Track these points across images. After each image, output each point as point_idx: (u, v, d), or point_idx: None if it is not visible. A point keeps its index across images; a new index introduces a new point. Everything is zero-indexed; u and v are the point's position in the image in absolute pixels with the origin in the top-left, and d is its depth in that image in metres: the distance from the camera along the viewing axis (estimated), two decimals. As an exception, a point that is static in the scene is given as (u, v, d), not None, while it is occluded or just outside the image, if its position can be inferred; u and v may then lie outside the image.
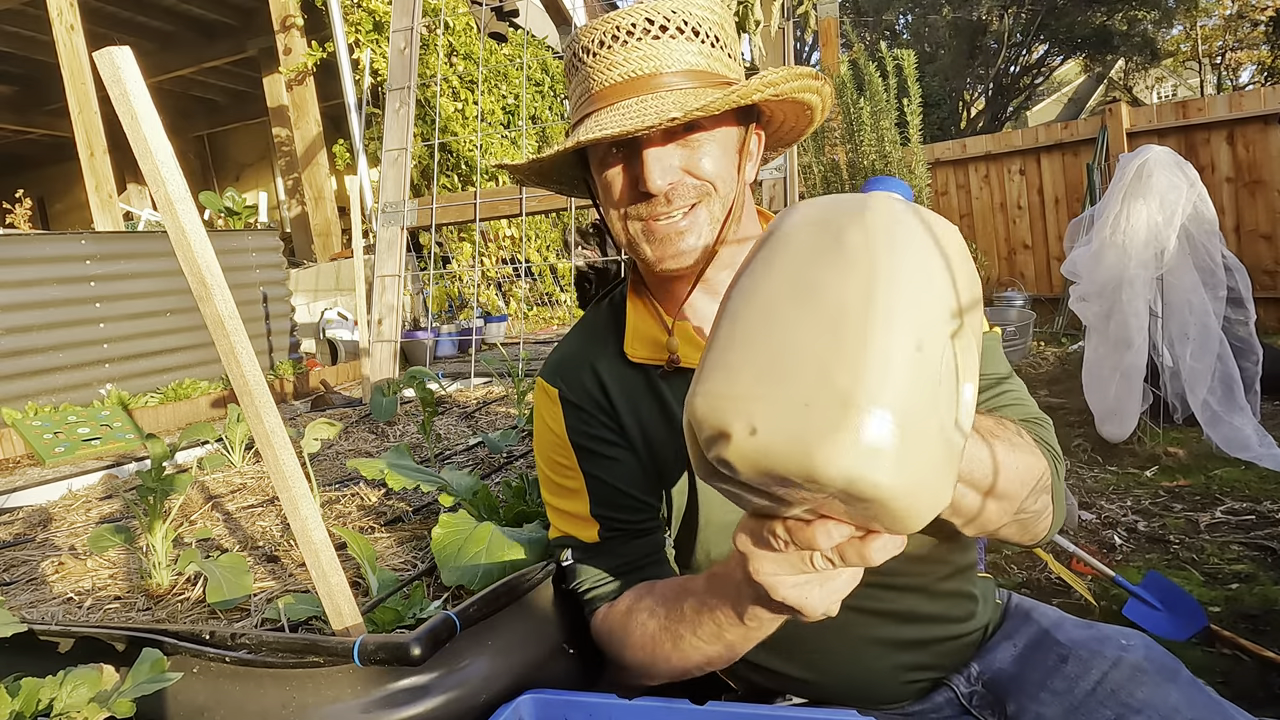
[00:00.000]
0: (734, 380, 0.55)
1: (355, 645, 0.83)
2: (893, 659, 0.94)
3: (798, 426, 0.51)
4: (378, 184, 3.29)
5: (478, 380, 3.27)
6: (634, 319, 1.00)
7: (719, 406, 0.55)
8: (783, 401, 0.52)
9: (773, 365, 0.54)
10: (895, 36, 18.49)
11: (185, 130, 11.26)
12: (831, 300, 0.54)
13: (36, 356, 3.42)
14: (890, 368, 0.51)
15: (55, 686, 0.72)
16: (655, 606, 0.87)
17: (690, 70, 0.87)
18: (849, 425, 0.50)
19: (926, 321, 0.54)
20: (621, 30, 0.86)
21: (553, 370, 1.03)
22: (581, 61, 0.90)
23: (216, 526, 1.57)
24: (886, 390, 0.50)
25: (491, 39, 3.87)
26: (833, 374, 0.51)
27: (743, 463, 0.54)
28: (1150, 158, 3.19)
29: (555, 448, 1.00)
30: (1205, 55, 19.15)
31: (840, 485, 0.50)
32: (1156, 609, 2.02)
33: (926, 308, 0.54)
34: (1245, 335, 3.35)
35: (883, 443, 0.50)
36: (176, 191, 0.81)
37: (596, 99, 0.89)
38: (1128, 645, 0.92)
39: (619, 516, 0.97)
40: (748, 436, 0.53)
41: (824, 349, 0.53)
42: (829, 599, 0.62)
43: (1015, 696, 0.93)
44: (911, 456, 0.51)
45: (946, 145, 7.07)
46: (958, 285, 0.57)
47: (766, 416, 0.52)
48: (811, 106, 0.94)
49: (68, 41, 6.02)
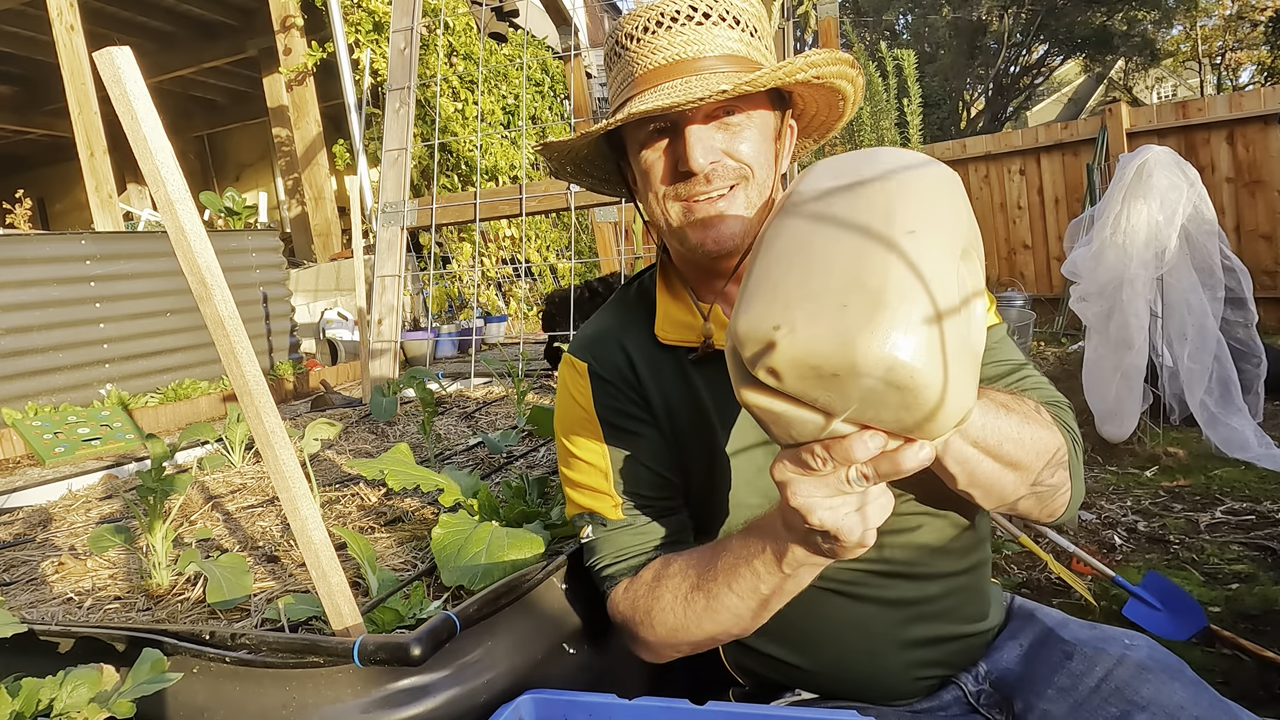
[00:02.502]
0: (774, 297, 0.61)
1: (355, 645, 0.83)
2: (906, 656, 0.94)
3: (837, 323, 0.57)
4: (378, 184, 3.29)
5: (478, 380, 3.27)
6: (664, 302, 1.01)
7: (762, 320, 0.60)
8: (821, 305, 0.58)
9: (809, 279, 0.60)
10: (895, 36, 18.49)
11: (185, 130, 11.26)
12: (857, 222, 0.61)
13: (36, 356, 3.42)
14: (914, 270, 0.58)
15: (55, 686, 0.72)
16: (687, 568, 0.88)
17: (731, 55, 0.89)
18: (884, 316, 0.56)
19: (939, 237, 0.61)
20: (666, 16, 0.89)
21: (582, 346, 1.03)
22: (624, 48, 0.92)
23: (216, 526, 1.57)
24: (913, 288, 0.57)
25: (491, 39, 3.87)
26: (864, 277, 0.58)
27: (788, 366, 0.59)
28: (1150, 158, 3.19)
29: (581, 423, 1.00)
30: (1205, 55, 19.15)
31: (880, 372, 0.56)
32: (1156, 609, 2.02)
33: (938, 225, 0.62)
34: (1245, 336, 3.35)
35: (914, 331, 0.56)
36: (176, 191, 0.81)
37: (639, 82, 0.91)
38: (1132, 645, 0.93)
39: (643, 493, 0.97)
40: (791, 338, 0.58)
41: (855, 259, 0.59)
42: (865, 523, 0.65)
43: (1022, 695, 0.93)
44: (939, 349, 0.57)
45: (946, 145, 7.07)
46: (960, 214, 0.65)
47: (807, 319, 0.58)
48: (845, 96, 0.96)
49: (68, 41, 6.02)
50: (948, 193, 0.66)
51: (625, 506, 0.97)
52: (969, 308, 0.62)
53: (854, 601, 0.94)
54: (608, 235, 4.46)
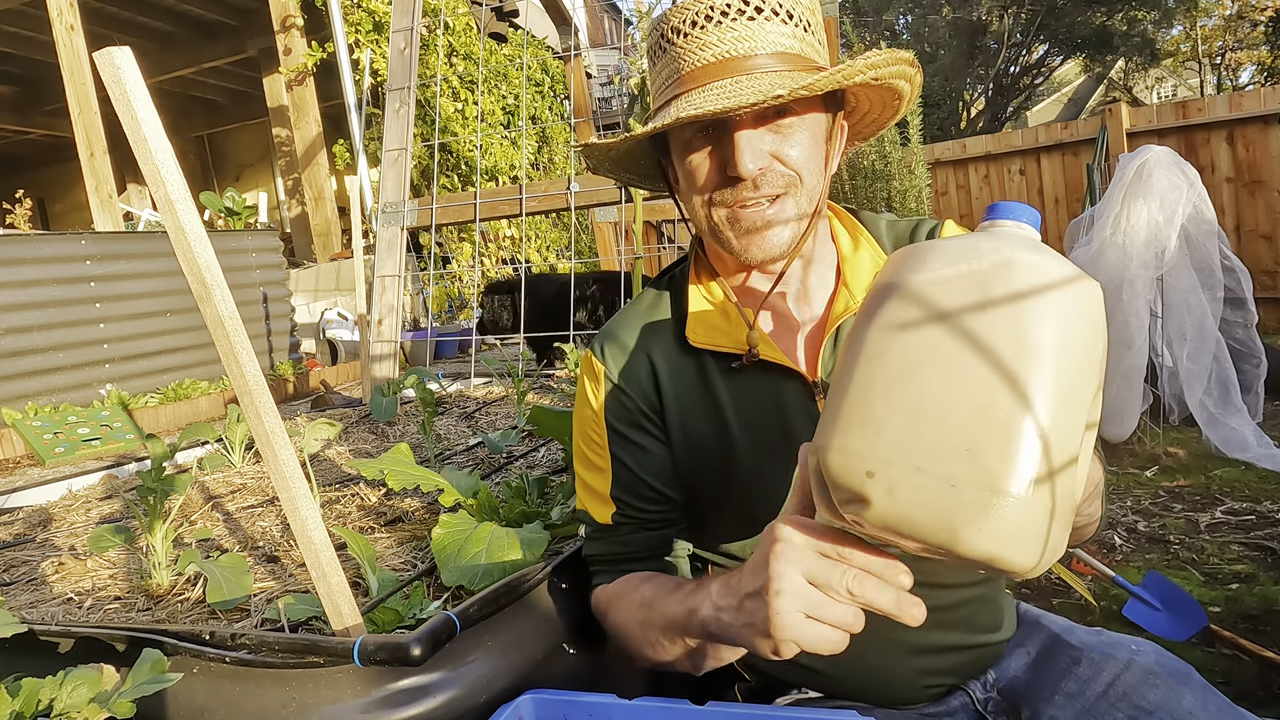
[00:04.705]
0: (874, 441, 0.55)
1: (355, 645, 0.83)
2: (918, 663, 0.93)
3: (943, 504, 0.52)
4: (378, 184, 3.29)
5: (478, 380, 3.27)
6: (697, 303, 0.98)
7: (857, 467, 0.55)
8: (927, 475, 0.53)
9: (915, 433, 0.54)
10: (895, 36, 18.49)
11: (185, 130, 11.26)
12: (976, 374, 0.53)
13: (36, 356, 3.42)
14: (1036, 450, 0.51)
15: (55, 687, 0.72)
16: (638, 602, 0.90)
17: (784, 53, 0.85)
18: (996, 512, 0.51)
19: (1075, 396, 0.53)
20: (715, 10, 0.84)
21: (604, 347, 1.01)
22: (670, 43, 0.88)
23: (216, 527, 1.57)
24: (1031, 475, 0.51)
25: (491, 39, 3.87)
26: (979, 455, 0.52)
27: (877, 525, 0.55)
28: (1150, 158, 3.19)
29: (591, 423, 1.00)
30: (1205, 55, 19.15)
31: (978, 559, 0.52)
32: (1156, 609, 2.02)
33: (1069, 387, 0.53)
34: (1244, 337, 3.35)
35: (1027, 528, 0.51)
36: (176, 191, 0.81)
37: (687, 79, 0.86)
38: (1139, 650, 0.92)
39: (635, 504, 0.97)
40: (888, 502, 0.54)
41: (970, 426, 0.53)
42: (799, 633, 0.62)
43: (1030, 701, 0.92)
44: (1045, 531, 0.52)
45: (946, 145, 7.07)
46: (1100, 345, 0.56)
47: (910, 487, 0.53)
48: (901, 96, 0.92)
49: (68, 41, 6.02)
50: (1091, 324, 0.55)
51: (615, 514, 0.97)
52: (1085, 451, 0.56)
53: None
54: (608, 235, 4.47)
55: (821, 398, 0.92)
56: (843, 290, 0.94)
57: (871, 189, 4.63)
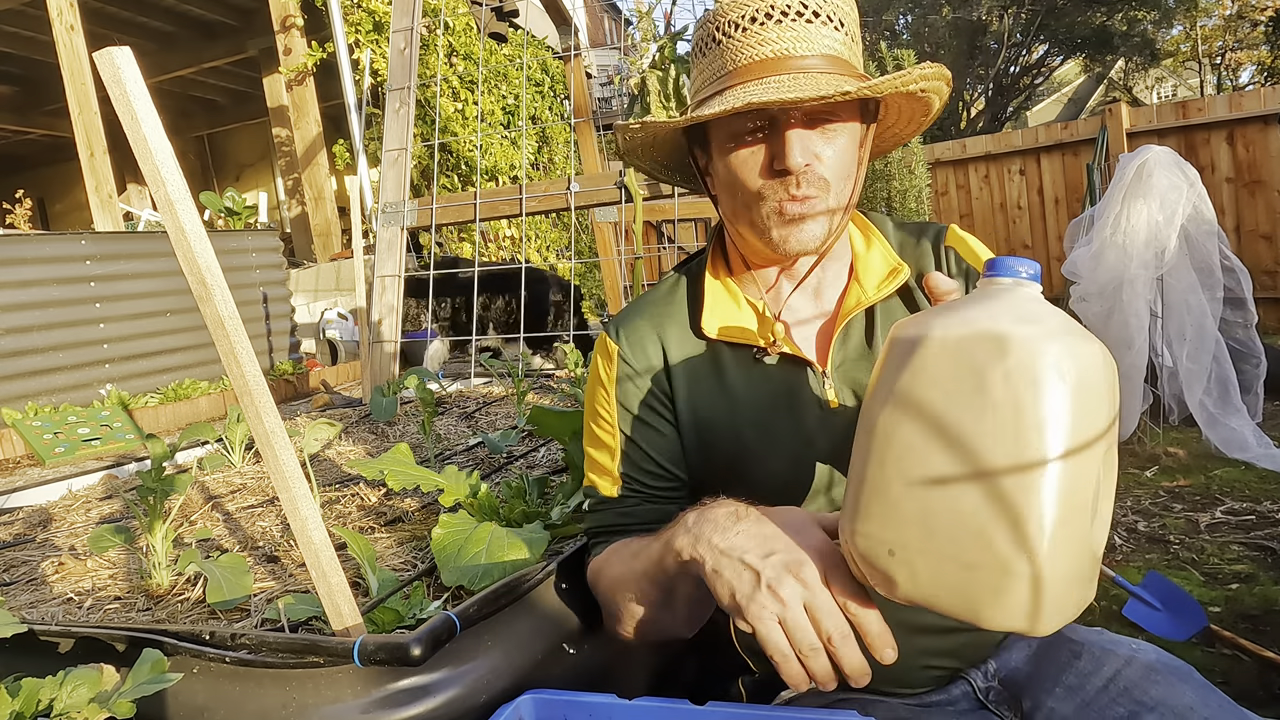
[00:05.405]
0: (892, 526, 0.59)
1: (355, 645, 0.83)
2: (917, 642, 0.94)
3: (962, 586, 0.56)
4: (378, 184, 3.29)
5: (478, 380, 3.27)
6: (714, 296, 1.01)
7: (879, 553, 0.59)
8: (946, 560, 0.56)
9: (929, 518, 0.57)
10: (895, 36, 18.48)
11: (185, 130, 11.26)
12: (980, 450, 0.55)
13: (36, 356, 3.42)
14: (1044, 529, 0.53)
15: (55, 687, 0.72)
16: (627, 554, 0.92)
17: (834, 57, 0.88)
18: (1013, 591, 0.54)
19: (1075, 465, 0.54)
20: (776, 10, 0.87)
21: (618, 327, 1.05)
22: (727, 35, 0.90)
23: (216, 527, 1.57)
24: (1043, 551, 0.53)
25: (491, 39, 3.86)
26: (991, 538, 0.54)
27: (903, 600, 0.59)
28: (1150, 158, 3.19)
29: (601, 400, 1.03)
30: (1205, 55, 19.15)
31: (1002, 630, 0.56)
32: (1156, 609, 2.01)
33: (1073, 447, 0.54)
34: (1244, 337, 3.35)
35: (1044, 600, 0.53)
36: (176, 191, 0.81)
37: (743, 72, 0.89)
38: (1139, 648, 0.93)
39: (641, 479, 1.00)
40: (911, 585, 0.58)
41: (978, 509, 0.54)
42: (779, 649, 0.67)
43: (1031, 693, 0.93)
44: (1066, 598, 0.55)
45: (946, 145, 7.07)
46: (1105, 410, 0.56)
47: (931, 571, 0.57)
48: (929, 111, 0.96)
49: (68, 41, 6.02)
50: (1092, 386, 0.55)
51: (621, 489, 1.00)
52: (1100, 515, 0.57)
53: None
54: (607, 235, 4.46)
55: (831, 387, 0.95)
56: (854, 285, 0.98)
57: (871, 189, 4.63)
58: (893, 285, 0.97)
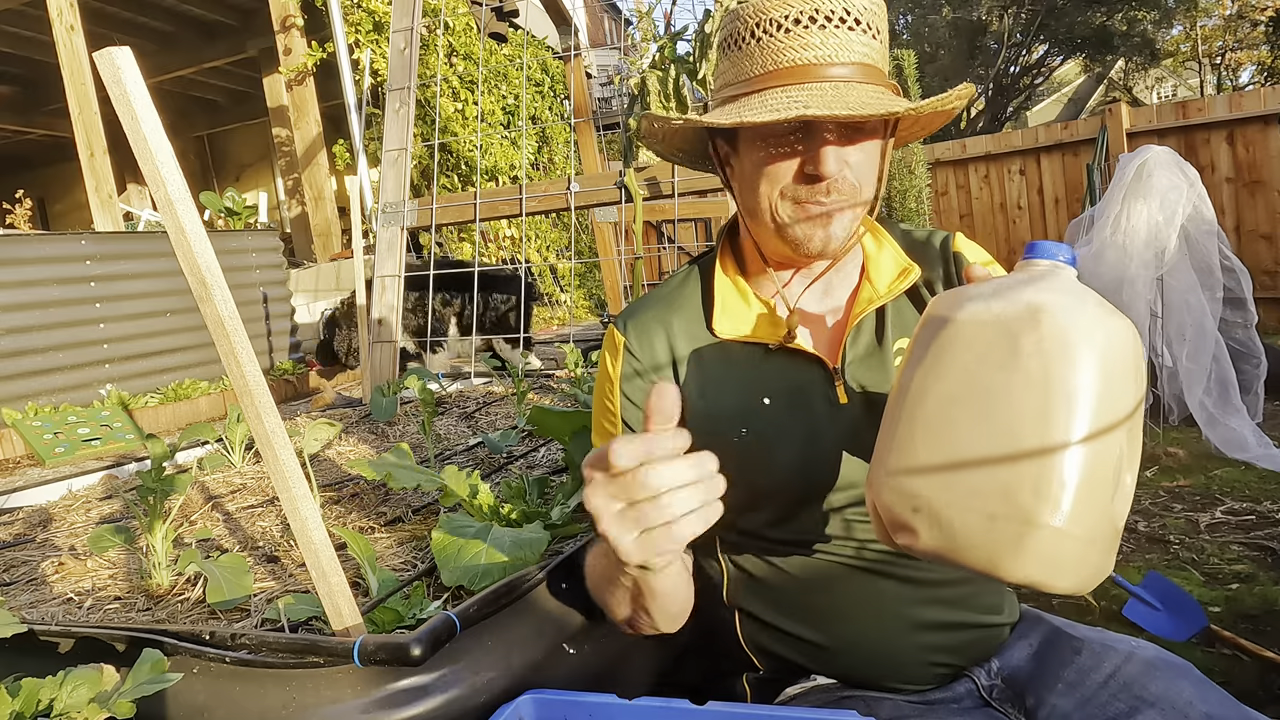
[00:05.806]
0: (919, 480, 0.60)
1: (355, 646, 0.83)
2: (921, 638, 0.95)
3: (984, 536, 0.57)
4: (378, 184, 3.29)
5: (478, 380, 3.27)
6: (724, 294, 1.02)
7: (905, 503, 0.60)
8: (969, 511, 0.58)
9: (957, 475, 0.59)
10: (895, 36, 18.48)
11: (185, 130, 11.25)
12: (1010, 412, 0.58)
13: (36, 356, 3.42)
14: (1066, 486, 0.55)
15: (55, 687, 0.72)
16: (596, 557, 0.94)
17: (869, 65, 0.90)
18: (1033, 542, 0.55)
19: (1099, 431, 0.56)
20: (820, 14, 0.88)
21: (627, 320, 1.06)
22: (767, 33, 0.90)
23: (216, 527, 1.57)
24: (1064, 507, 0.55)
25: (491, 39, 3.87)
26: (1015, 492, 0.56)
27: (924, 553, 0.60)
28: (1150, 158, 3.19)
29: (607, 391, 1.05)
30: (1205, 55, 19.16)
31: (1021, 584, 0.57)
32: (1156, 609, 2.02)
33: (1099, 416, 0.56)
34: (1244, 337, 3.35)
35: (1063, 556, 0.55)
36: (176, 191, 0.81)
37: (781, 75, 0.89)
38: (1139, 645, 0.94)
39: None
40: (933, 535, 0.59)
41: (1006, 468, 0.57)
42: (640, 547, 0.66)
43: (1033, 690, 0.94)
44: (1085, 557, 0.56)
45: (946, 145, 7.07)
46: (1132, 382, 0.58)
47: (952, 521, 0.58)
48: (947, 120, 1.00)
49: (68, 42, 6.02)
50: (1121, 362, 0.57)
51: None
52: (1122, 487, 0.59)
53: (872, 576, 0.95)
54: (607, 235, 4.47)
55: (841, 384, 0.96)
56: (866, 285, 1.00)
57: (871, 189, 4.62)
58: (904, 284, 0.98)
